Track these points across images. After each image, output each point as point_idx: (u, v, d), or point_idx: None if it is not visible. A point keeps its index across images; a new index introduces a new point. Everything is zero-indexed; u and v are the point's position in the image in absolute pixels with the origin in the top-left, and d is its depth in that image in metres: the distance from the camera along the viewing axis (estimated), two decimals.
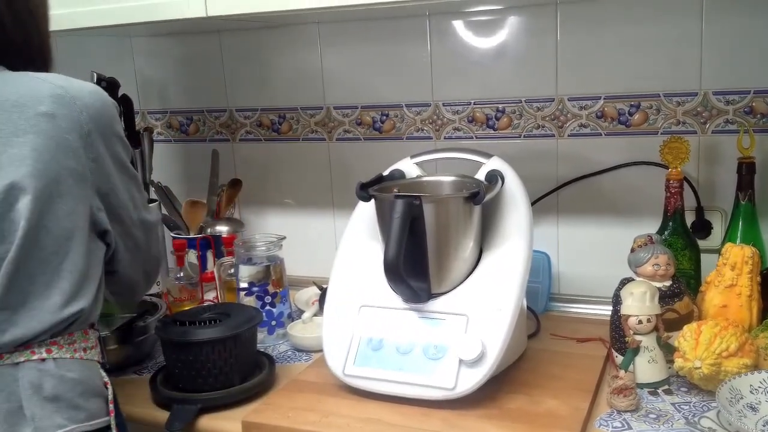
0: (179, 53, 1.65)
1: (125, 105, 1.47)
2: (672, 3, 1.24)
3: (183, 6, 1.18)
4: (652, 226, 1.23)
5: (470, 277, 1.06)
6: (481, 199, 1.02)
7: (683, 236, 1.21)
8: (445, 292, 1.05)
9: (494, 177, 1.10)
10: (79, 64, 1.32)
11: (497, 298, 1.02)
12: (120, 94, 1.47)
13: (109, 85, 1.43)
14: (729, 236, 1.19)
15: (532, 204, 1.13)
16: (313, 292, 1.45)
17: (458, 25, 1.40)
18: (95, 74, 1.46)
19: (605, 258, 1.34)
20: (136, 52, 1.68)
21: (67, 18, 1.25)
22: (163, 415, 1.01)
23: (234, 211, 1.62)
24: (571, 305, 1.38)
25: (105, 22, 1.27)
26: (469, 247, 1.06)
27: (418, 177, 1.18)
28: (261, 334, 1.23)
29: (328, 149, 1.57)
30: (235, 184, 1.57)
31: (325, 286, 1.31)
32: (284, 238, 1.33)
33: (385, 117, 1.51)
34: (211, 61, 1.62)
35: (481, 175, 1.14)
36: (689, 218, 1.26)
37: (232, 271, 1.31)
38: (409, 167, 1.20)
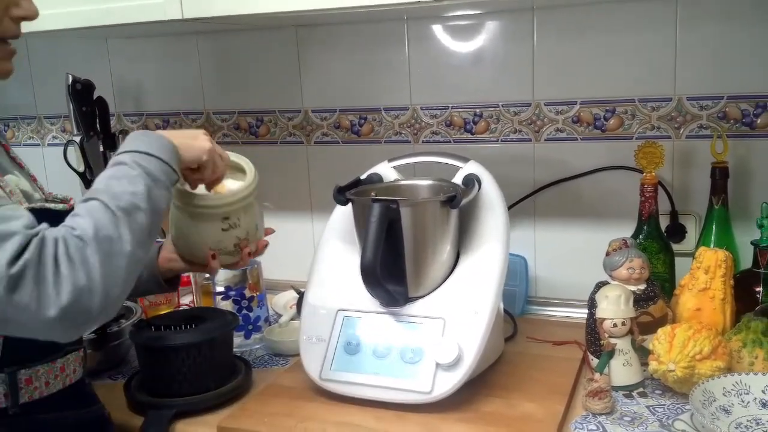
0: (155, 55, 1.63)
1: (100, 107, 1.46)
2: (647, 11, 1.26)
3: (159, 8, 1.17)
4: (627, 230, 1.24)
5: (447, 280, 1.07)
6: (458, 203, 1.02)
7: (658, 240, 1.22)
8: (423, 296, 1.06)
9: (471, 181, 1.11)
10: (54, 66, 1.32)
11: (474, 301, 1.02)
12: (95, 96, 1.46)
13: (85, 87, 1.42)
14: (703, 240, 1.21)
15: (509, 208, 1.14)
16: (291, 296, 1.45)
17: (436, 29, 1.40)
18: (71, 76, 1.44)
19: (582, 261, 1.35)
20: (111, 54, 1.67)
21: (42, 20, 1.23)
22: (138, 421, 1.00)
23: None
24: (547, 308, 1.39)
25: (80, 24, 1.25)
26: (446, 250, 1.06)
27: (395, 181, 1.18)
28: (238, 339, 1.22)
29: (306, 152, 1.57)
30: None
31: (302, 290, 1.31)
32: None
33: (363, 120, 1.51)
34: (187, 64, 1.61)
35: (458, 179, 1.14)
36: (664, 222, 1.27)
37: (209, 275, 1.30)
38: (386, 171, 1.20)
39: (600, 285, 1.12)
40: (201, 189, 0.97)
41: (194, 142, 0.90)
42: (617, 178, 1.33)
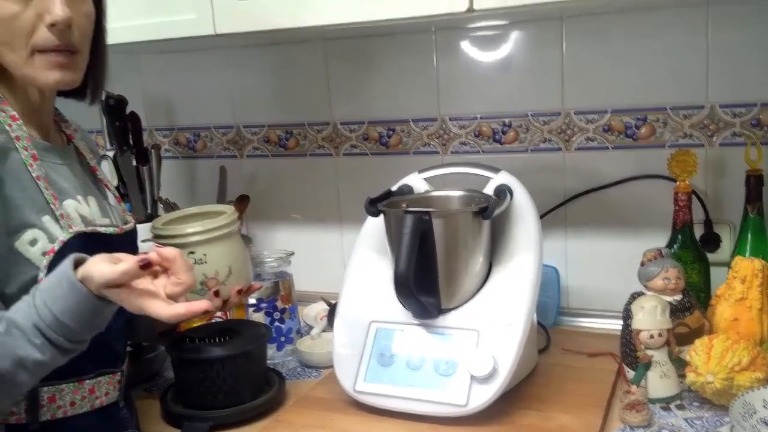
0: (186, 70, 1.66)
1: (133, 122, 1.48)
2: (677, 17, 1.25)
3: (192, 24, 1.19)
4: (660, 239, 1.23)
5: (480, 291, 1.06)
6: (490, 214, 1.02)
7: (692, 250, 1.21)
8: (456, 307, 1.05)
9: (503, 191, 1.10)
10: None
11: (508, 313, 1.02)
12: (128, 111, 1.48)
13: (118, 103, 1.44)
14: (738, 249, 1.19)
15: (540, 218, 1.13)
16: (321, 307, 1.45)
17: (463, 39, 1.40)
18: (104, 92, 1.46)
19: (614, 271, 1.34)
20: (143, 69, 1.69)
21: None
22: None
23: (242, 227, 1.62)
24: (580, 319, 1.38)
25: (117, 41, 1.27)
26: (478, 261, 1.06)
27: (426, 192, 1.18)
28: (270, 350, 1.23)
29: (335, 164, 1.58)
30: (243, 200, 1.57)
31: (333, 301, 1.32)
32: (293, 254, 1.33)
33: (391, 132, 1.51)
34: (218, 78, 1.63)
35: (489, 190, 1.14)
36: (698, 231, 1.26)
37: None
38: (417, 182, 1.20)
39: (635, 296, 1.11)
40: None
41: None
42: (650, 186, 1.31)
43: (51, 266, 0.81)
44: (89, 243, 0.85)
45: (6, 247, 0.80)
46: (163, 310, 0.75)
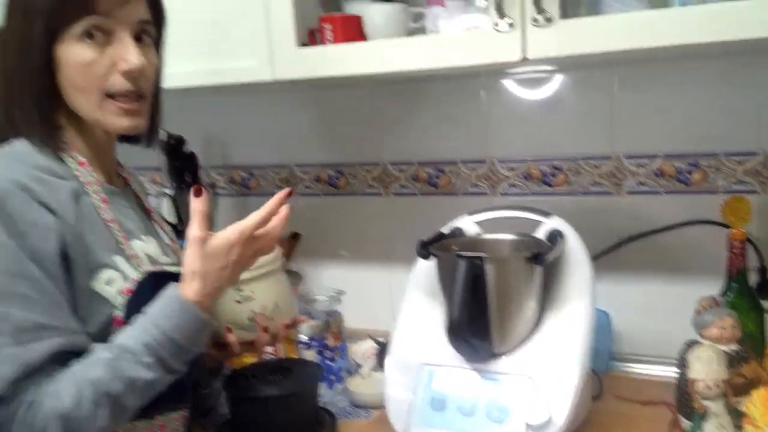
0: (242, 111, 1.71)
1: (190, 161, 1.53)
2: (728, 66, 1.25)
3: (252, 71, 1.23)
4: (714, 285, 1.22)
5: (533, 337, 1.07)
6: (543, 260, 1.03)
7: (747, 298, 1.19)
8: (508, 352, 1.06)
9: (555, 236, 1.11)
10: None
11: (561, 359, 1.02)
12: (186, 150, 1.54)
13: (176, 143, 1.50)
14: None
15: (591, 261, 1.13)
16: (369, 345, 1.46)
17: (512, 82, 1.43)
18: (163, 131, 1.53)
19: (667, 317, 1.33)
20: (201, 109, 1.75)
21: None
22: None
23: (293, 264, 1.65)
24: (632, 365, 1.36)
25: (177, 85, 1.33)
26: (531, 307, 1.07)
27: (477, 235, 1.20)
28: (320, 389, 1.25)
29: (384, 204, 1.60)
30: (294, 237, 1.61)
31: (381, 339, 1.33)
32: (343, 293, 1.35)
33: (440, 173, 1.54)
34: (271, 118, 1.68)
35: (541, 234, 1.15)
36: (752, 278, 1.24)
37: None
38: (468, 225, 1.21)
39: (690, 344, 1.10)
40: None
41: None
42: (703, 232, 1.30)
43: (129, 305, 0.85)
44: (159, 281, 0.88)
45: (86, 288, 0.84)
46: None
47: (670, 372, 1.11)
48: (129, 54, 0.87)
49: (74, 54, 0.86)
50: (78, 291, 0.84)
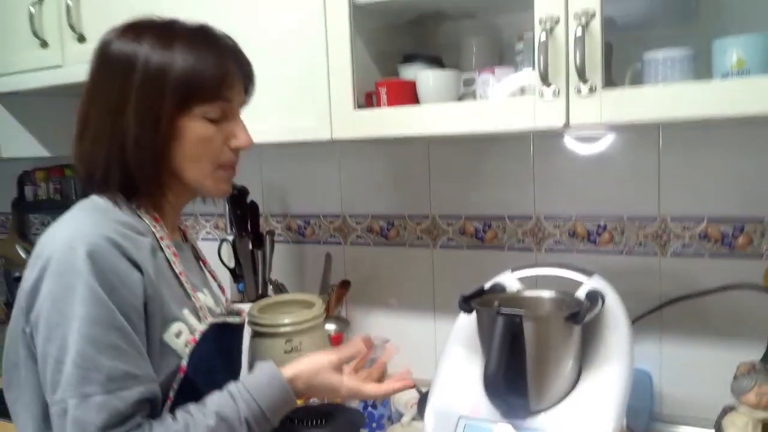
0: (300, 163, 1.81)
1: (252, 210, 1.63)
2: None
3: (312, 131, 1.33)
4: (757, 351, 1.22)
5: (569, 396, 1.09)
6: (581, 320, 1.06)
7: None
8: (545, 409, 1.08)
9: (595, 297, 1.14)
10: None
11: (596, 420, 1.04)
12: (249, 199, 1.64)
13: (240, 193, 1.60)
14: None
15: (634, 321, 1.15)
16: (412, 394, 1.50)
17: (561, 141, 1.47)
18: None
19: (709, 380, 1.32)
20: (263, 162, 1.87)
21: None
22: None
23: (342, 310, 1.72)
24: (674, 426, 1.36)
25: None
26: (568, 365, 1.09)
27: (518, 291, 1.23)
28: None
29: (431, 256, 1.66)
30: (344, 284, 1.68)
31: (423, 388, 1.37)
32: (388, 340, 1.40)
33: (487, 227, 1.59)
34: (328, 171, 1.77)
35: (581, 293, 1.17)
36: None
37: None
38: (509, 281, 1.25)
39: (727, 410, 1.10)
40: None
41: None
42: (747, 296, 1.31)
43: (192, 354, 0.92)
44: (219, 332, 0.96)
45: (158, 339, 0.91)
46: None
47: None
48: (241, 133, 1.00)
49: (198, 129, 0.94)
50: (152, 342, 0.90)
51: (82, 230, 0.87)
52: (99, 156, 0.94)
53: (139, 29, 0.95)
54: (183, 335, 0.93)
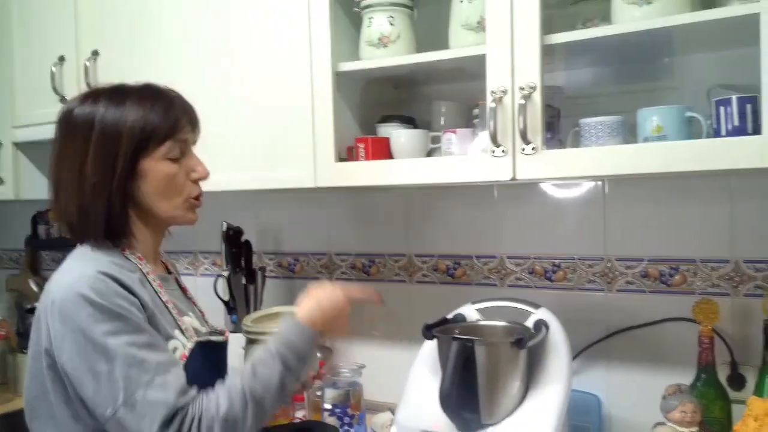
0: (291, 206, 2.00)
1: (246, 249, 1.81)
2: (705, 186, 1.46)
3: (298, 179, 1.52)
4: (689, 375, 1.38)
5: (516, 410, 1.26)
6: (524, 345, 1.23)
7: (715, 387, 1.35)
8: (495, 423, 1.25)
9: (539, 326, 1.32)
10: (212, 215, 1.69)
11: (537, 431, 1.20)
12: (243, 239, 1.82)
13: (236, 233, 1.79)
14: (758, 390, 1.32)
15: (584, 350, 1.31)
16: (388, 417, 1.66)
17: (521, 192, 1.66)
18: (225, 223, 1.82)
19: (650, 402, 1.47)
20: (257, 205, 2.05)
21: (211, 183, 1.62)
22: None
23: (326, 340, 1.89)
24: None
25: (238, 188, 1.62)
26: (516, 384, 1.26)
27: (476, 321, 1.41)
28: None
29: (408, 290, 1.84)
30: None
31: None
32: (364, 366, 1.57)
33: (457, 265, 1.77)
34: (314, 214, 1.96)
35: (529, 323, 1.35)
36: (726, 371, 1.40)
37: (320, 393, 1.56)
38: (469, 312, 1.43)
39: (656, 425, 1.27)
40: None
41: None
42: (681, 328, 1.47)
43: (185, 369, 1.08)
44: (206, 349, 1.13)
45: None
46: None
47: None
48: (198, 166, 1.17)
49: (163, 168, 1.11)
50: None
51: (79, 273, 1.03)
52: (71, 209, 1.09)
53: (94, 95, 1.12)
54: (178, 351, 1.10)
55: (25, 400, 1.11)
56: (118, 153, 1.08)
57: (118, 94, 1.12)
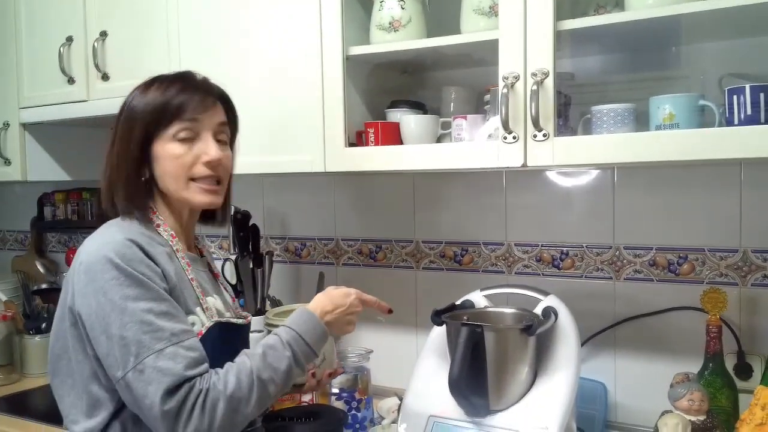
0: (299, 191, 2.00)
1: (253, 232, 1.81)
2: (715, 173, 1.46)
3: (307, 164, 1.52)
4: (696, 364, 1.39)
5: (525, 397, 1.26)
6: (533, 332, 1.23)
7: (722, 376, 1.36)
8: (503, 409, 1.25)
9: (548, 313, 1.32)
10: None
11: (545, 418, 1.21)
12: (251, 223, 1.82)
13: (243, 217, 1.79)
14: (765, 379, 1.33)
15: (591, 338, 1.32)
16: (394, 402, 1.67)
17: (531, 177, 1.66)
18: (233, 207, 1.82)
19: (657, 390, 1.47)
20: (265, 190, 2.05)
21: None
22: None
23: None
24: None
25: (247, 171, 1.61)
26: (524, 371, 1.26)
27: (485, 307, 1.41)
28: None
29: (415, 277, 1.84)
30: None
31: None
32: (371, 351, 1.57)
33: (464, 252, 1.77)
34: (323, 198, 1.96)
35: (539, 310, 1.35)
36: (733, 360, 1.41)
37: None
38: (478, 298, 1.43)
39: (664, 413, 1.27)
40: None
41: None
42: (689, 317, 1.48)
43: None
44: (223, 329, 1.14)
45: None
46: None
47: None
48: (209, 149, 1.17)
49: (169, 148, 1.14)
50: None
51: (110, 238, 1.08)
52: (103, 187, 1.18)
53: (142, 84, 1.18)
54: (196, 327, 1.12)
55: (49, 358, 1.16)
56: (132, 138, 1.14)
57: (151, 81, 1.17)
